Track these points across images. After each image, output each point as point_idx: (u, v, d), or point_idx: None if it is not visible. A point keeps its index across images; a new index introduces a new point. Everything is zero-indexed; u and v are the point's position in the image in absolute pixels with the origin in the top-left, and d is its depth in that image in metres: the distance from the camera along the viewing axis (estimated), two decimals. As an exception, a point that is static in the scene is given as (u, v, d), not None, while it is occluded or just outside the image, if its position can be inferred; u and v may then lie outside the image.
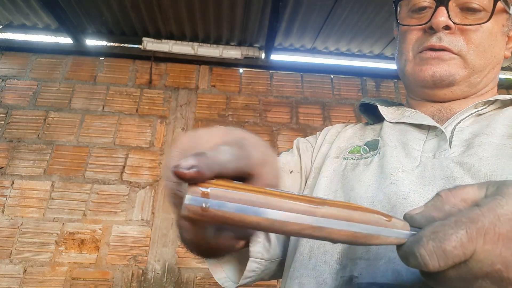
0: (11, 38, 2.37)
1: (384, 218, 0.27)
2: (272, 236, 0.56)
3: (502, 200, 0.25)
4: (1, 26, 2.28)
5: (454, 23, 0.55)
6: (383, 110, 0.64)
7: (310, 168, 0.64)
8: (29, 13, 2.18)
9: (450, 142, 0.51)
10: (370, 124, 0.67)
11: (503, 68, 2.60)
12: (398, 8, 0.64)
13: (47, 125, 2.15)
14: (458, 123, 0.54)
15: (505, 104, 0.56)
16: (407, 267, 0.39)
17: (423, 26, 0.58)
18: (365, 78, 2.53)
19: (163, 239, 1.96)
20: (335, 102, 2.42)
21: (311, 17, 2.13)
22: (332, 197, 0.54)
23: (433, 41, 0.56)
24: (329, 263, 0.46)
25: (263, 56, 2.43)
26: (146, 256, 1.91)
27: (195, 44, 2.37)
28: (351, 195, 0.51)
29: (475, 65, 0.56)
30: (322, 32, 2.27)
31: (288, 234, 0.26)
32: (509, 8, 0.58)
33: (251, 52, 2.41)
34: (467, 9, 0.55)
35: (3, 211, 1.93)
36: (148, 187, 2.06)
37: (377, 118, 0.66)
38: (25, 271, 1.83)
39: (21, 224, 1.91)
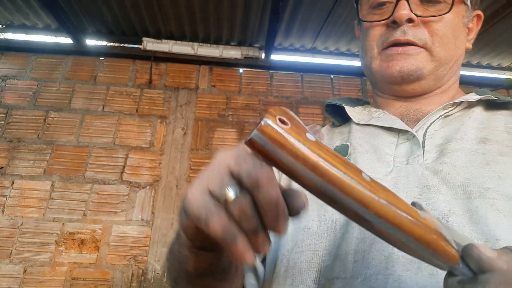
0: (11, 38, 2.37)
1: (443, 242, 0.26)
2: (260, 272, 0.55)
3: None
4: (4, 26, 2.28)
5: (416, 15, 0.55)
6: (350, 111, 0.63)
7: (279, 177, 0.62)
8: (29, 13, 2.18)
9: (423, 147, 0.50)
10: (337, 126, 0.66)
11: (502, 68, 2.60)
12: (359, 6, 0.63)
13: (47, 125, 2.15)
14: (429, 126, 0.54)
15: (471, 104, 0.56)
16: (384, 284, 0.39)
17: (386, 21, 0.57)
18: (365, 78, 2.53)
19: (163, 239, 1.96)
20: (335, 102, 2.42)
21: (311, 17, 2.13)
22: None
23: (398, 35, 0.55)
24: (306, 283, 0.45)
25: (263, 56, 2.43)
26: (146, 256, 1.91)
27: (195, 44, 2.37)
28: (326, 208, 0.49)
29: (441, 57, 0.56)
30: (322, 32, 2.27)
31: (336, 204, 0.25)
32: None
33: (251, 52, 2.41)
34: (427, 1, 0.56)
35: (3, 211, 1.93)
36: (148, 187, 2.06)
37: (344, 119, 0.65)
38: (25, 271, 1.83)
39: (21, 224, 1.91)
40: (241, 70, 2.46)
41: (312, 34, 2.30)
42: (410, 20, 0.55)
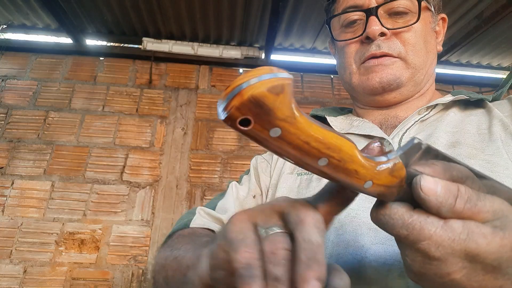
0: (11, 38, 2.37)
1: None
2: None
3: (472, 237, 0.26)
4: (4, 27, 2.28)
5: (387, 29, 0.57)
6: (332, 121, 0.65)
7: (268, 186, 0.65)
8: (29, 13, 2.18)
9: None
10: None
11: (502, 68, 2.60)
12: (331, 26, 0.66)
13: (47, 125, 2.15)
14: (405, 132, 0.55)
15: (446, 106, 0.58)
16: (356, 286, 0.41)
17: (359, 37, 0.60)
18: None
19: (163, 239, 1.96)
20: (335, 102, 2.42)
21: (311, 17, 2.13)
22: None
23: (373, 49, 0.58)
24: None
25: (263, 56, 2.43)
26: (146, 256, 1.91)
27: (195, 44, 2.37)
28: None
29: (416, 63, 0.58)
30: (322, 32, 2.27)
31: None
32: (431, 5, 0.61)
33: (251, 52, 2.41)
34: (395, 14, 0.58)
35: (3, 211, 1.93)
36: (148, 187, 2.06)
37: None
38: (25, 271, 1.83)
39: (21, 224, 1.91)
40: (241, 70, 2.46)
41: (312, 34, 2.30)
42: (382, 34, 0.58)
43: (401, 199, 0.28)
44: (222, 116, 0.22)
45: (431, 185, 0.26)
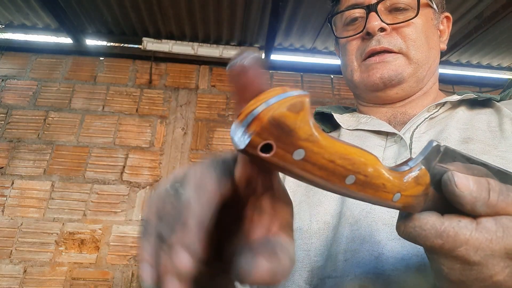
0: (11, 38, 2.37)
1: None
2: None
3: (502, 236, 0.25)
4: (4, 26, 2.28)
5: (387, 24, 0.57)
6: (338, 118, 0.65)
7: None
8: (29, 13, 2.18)
9: (410, 149, 0.52)
10: (328, 132, 0.68)
11: (502, 68, 2.60)
12: (333, 25, 0.67)
13: (47, 125, 2.15)
14: (415, 128, 0.55)
15: (454, 105, 0.58)
16: (374, 282, 0.41)
17: (360, 34, 0.60)
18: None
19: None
20: (335, 102, 2.42)
21: (311, 17, 2.13)
22: (296, 210, 0.54)
23: (373, 45, 0.58)
24: (298, 283, 0.47)
25: (263, 56, 2.43)
26: (146, 256, 1.91)
27: (195, 44, 2.37)
28: (318, 210, 0.52)
29: (418, 59, 0.58)
30: (322, 32, 2.27)
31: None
32: (432, 2, 0.61)
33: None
34: (395, 10, 0.59)
35: (3, 211, 1.93)
36: (148, 187, 2.06)
37: (334, 126, 0.67)
38: (25, 271, 1.83)
39: (21, 224, 1.91)
40: (241, 70, 2.46)
41: (312, 34, 2.30)
42: (382, 29, 0.58)
43: (426, 208, 0.27)
44: (242, 144, 0.21)
45: (464, 180, 0.25)
